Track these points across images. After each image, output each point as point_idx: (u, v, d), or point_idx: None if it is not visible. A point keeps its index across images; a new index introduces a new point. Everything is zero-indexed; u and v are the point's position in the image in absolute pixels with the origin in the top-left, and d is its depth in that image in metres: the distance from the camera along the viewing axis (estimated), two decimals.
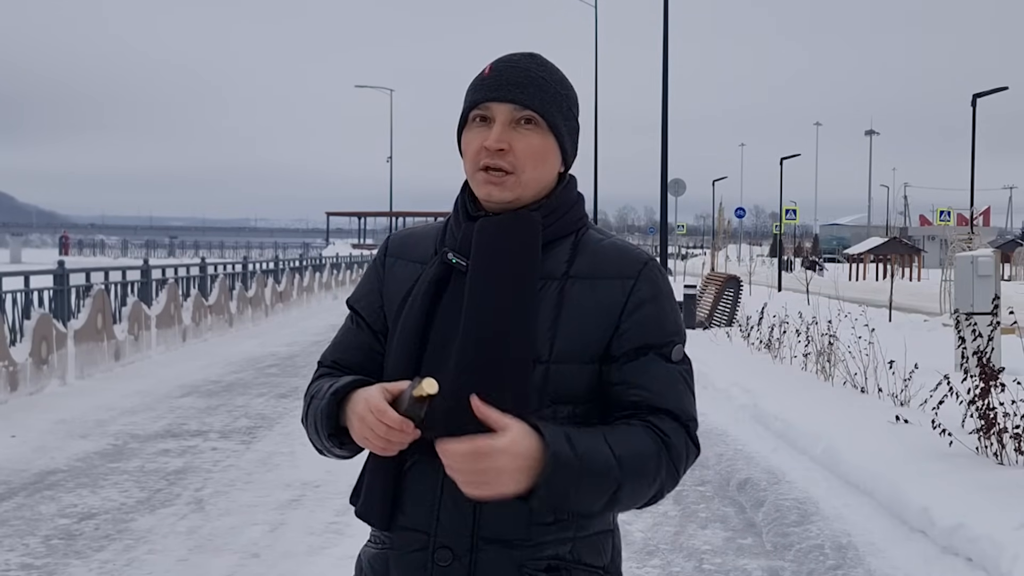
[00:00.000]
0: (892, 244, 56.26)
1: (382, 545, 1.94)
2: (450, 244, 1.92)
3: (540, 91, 1.89)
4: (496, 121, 1.87)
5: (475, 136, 1.89)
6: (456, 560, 1.84)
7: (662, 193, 26.10)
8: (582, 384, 1.84)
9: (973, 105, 24.73)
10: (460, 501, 1.81)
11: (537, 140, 1.88)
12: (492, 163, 1.86)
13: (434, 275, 1.90)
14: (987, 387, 7.30)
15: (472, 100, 1.90)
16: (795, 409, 9.71)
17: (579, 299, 1.85)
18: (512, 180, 1.86)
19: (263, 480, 7.79)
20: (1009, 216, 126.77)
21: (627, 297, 1.85)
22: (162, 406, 11.21)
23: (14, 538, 6.24)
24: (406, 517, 1.88)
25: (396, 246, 2.03)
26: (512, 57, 1.94)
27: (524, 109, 1.87)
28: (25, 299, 12.92)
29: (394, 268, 2.00)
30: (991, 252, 14.02)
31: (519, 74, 1.89)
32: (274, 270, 27.22)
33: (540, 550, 1.84)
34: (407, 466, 1.89)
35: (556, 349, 1.83)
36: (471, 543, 1.84)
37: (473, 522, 1.84)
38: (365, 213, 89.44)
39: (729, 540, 6.27)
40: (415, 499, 1.88)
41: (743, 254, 79.07)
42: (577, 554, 1.86)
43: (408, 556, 1.88)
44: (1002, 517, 5.74)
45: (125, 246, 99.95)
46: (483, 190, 1.88)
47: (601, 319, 1.84)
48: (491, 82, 1.89)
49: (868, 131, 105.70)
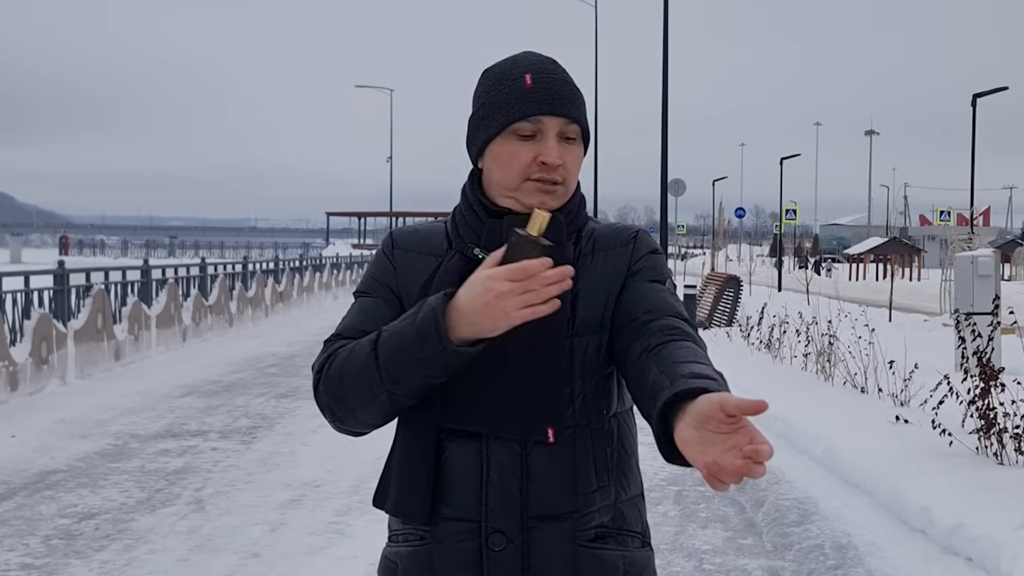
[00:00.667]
0: (892, 244, 56.24)
1: (421, 540, 1.91)
2: (470, 239, 1.94)
3: (581, 104, 1.96)
4: (549, 135, 1.90)
5: (522, 148, 1.90)
6: (510, 543, 1.86)
7: (662, 193, 26.10)
8: (603, 352, 1.92)
9: (973, 105, 24.74)
10: (508, 481, 1.86)
11: (579, 152, 1.96)
12: (549, 177, 1.91)
13: (456, 268, 1.91)
14: (987, 387, 7.30)
15: (519, 111, 1.90)
16: (795, 409, 9.71)
17: (588, 273, 1.94)
18: (562, 190, 1.93)
19: (263, 480, 7.79)
20: (1009, 216, 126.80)
21: (630, 256, 1.97)
22: (162, 406, 11.21)
23: (14, 538, 6.24)
24: (450, 508, 1.88)
25: (404, 239, 2.03)
26: (545, 65, 1.95)
27: (572, 123, 1.92)
28: (25, 299, 12.92)
29: (406, 259, 1.99)
30: (991, 252, 14.03)
31: (563, 86, 1.93)
32: (274, 270, 27.21)
33: (588, 520, 1.89)
34: (444, 456, 1.88)
35: (578, 322, 1.91)
36: (521, 523, 1.86)
37: (521, 501, 1.86)
38: (365, 213, 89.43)
39: (729, 540, 6.28)
40: (458, 487, 1.87)
41: (743, 254, 79.07)
42: (619, 521, 1.93)
43: (457, 546, 1.88)
44: (1002, 517, 5.74)
45: (125, 246, 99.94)
46: (535, 199, 1.91)
47: (611, 283, 1.94)
48: (539, 95, 1.90)
49: (868, 131, 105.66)
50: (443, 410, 1.87)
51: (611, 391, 1.95)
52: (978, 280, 12.57)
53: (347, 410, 1.89)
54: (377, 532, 6.33)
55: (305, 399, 11.60)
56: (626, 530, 1.94)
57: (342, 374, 1.87)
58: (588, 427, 1.90)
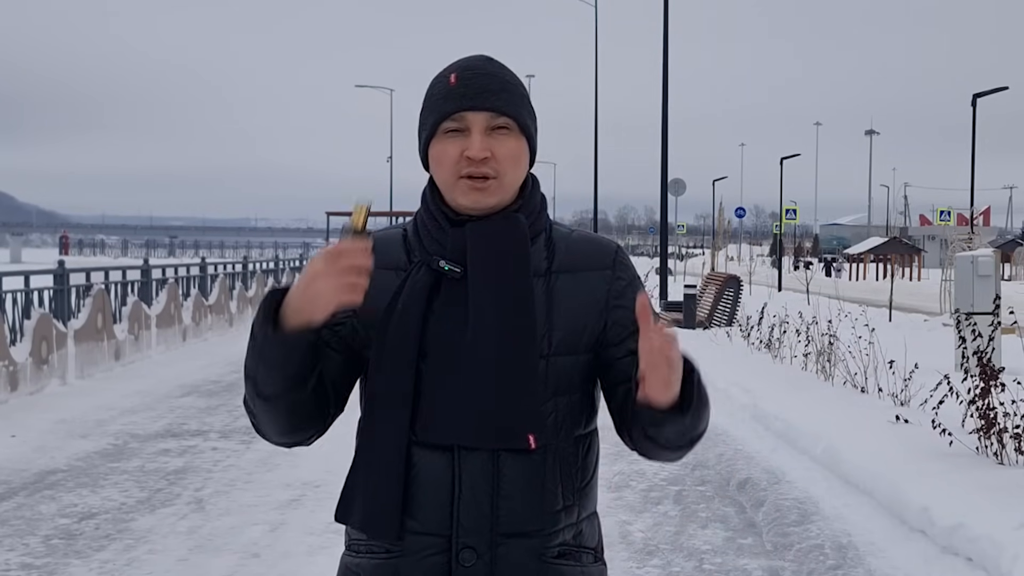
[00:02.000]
0: (892, 244, 56.25)
1: (387, 554, 1.90)
2: (434, 251, 1.92)
3: (510, 96, 1.93)
4: (474, 130, 1.90)
5: (451, 146, 1.91)
6: (479, 559, 1.87)
7: (662, 193, 26.11)
8: (576, 374, 1.94)
9: (973, 105, 24.74)
10: (480, 498, 1.86)
11: (513, 144, 1.92)
12: (476, 171, 1.89)
13: (424, 282, 1.90)
14: (987, 387, 7.30)
15: (443, 110, 1.91)
16: (795, 409, 9.71)
17: (566, 292, 1.94)
18: (495, 184, 1.91)
19: (263, 480, 7.79)
20: (1009, 216, 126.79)
21: (609, 285, 1.97)
22: (162, 406, 11.21)
23: (14, 538, 6.24)
24: (417, 522, 1.88)
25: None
26: (473, 63, 1.96)
27: (500, 116, 1.91)
28: (25, 299, 12.92)
29: (372, 279, 1.94)
30: (991, 252, 14.03)
31: (489, 80, 1.92)
32: (274, 270, 27.22)
33: (553, 538, 1.90)
34: (413, 470, 1.88)
35: (554, 342, 1.91)
36: (491, 539, 1.87)
37: (492, 518, 1.87)
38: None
39: (729, 540, 6.27)
40: (428, 502, 1.87)
41: (743, 254, 79.05)
42: (579, 538, 1.95)
43: (425, 561, 1.88)
44: (1002, 517, 5.74)
45: (125, 246, 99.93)
46: (469, 198, 1.90)
47: (590, 309, 1.95)
48: (462, 91, 1.90)
49: (868, 131, 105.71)
50: (415, 424, 1.87)
51: (583, 412, 1.96)
52: (978, 280, 12.57)
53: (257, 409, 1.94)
54: None
55: None
56: (584, 546, 1.96)
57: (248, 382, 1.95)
58: (557, 447, 1.91)
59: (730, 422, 10.06)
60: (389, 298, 1.91)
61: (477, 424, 1.84)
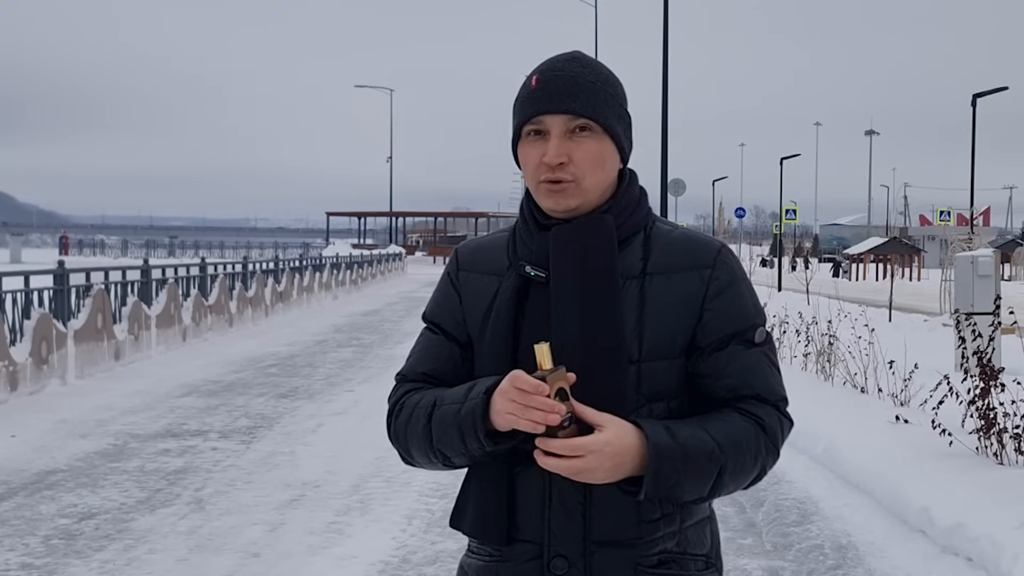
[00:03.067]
0: (892, 244, 56.23)
1: (490, 557, 1.93)
2: (524, 256, 1.92)
3: (591, 96, 1.89)
4: (552, 134, 1.87)
5: (532, 150, 1.90)
6: (572, 567, 1.86)
7: (662, 193, 26.10)
8: (672, 379, 1.88)
9: (973, 105, 24.73)
10: (570, 507, 1.85)
11: (594, 146, 1.88)
12: (553, 177, 1.87)
13: (513, 288, 1.90)
14: (987, 387, 7.30)
15: (524, 115, 1.90)
16: (795, 409, 9.62)
17: (660, 295, 1.88)
18: (574, 187, 1.88)
19: (263, 480, 7.79)
20: (1009, 216, 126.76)
21: (706, 286, 1.89)
22: (162, 406, 11.21)
23: (14, 538, 6.24)
24: (516, 529, 1.89)
25: (467, 259, 2.02)
26: (555, 64, 1.92)
27: (578, 118, 1.87)
28: (25, 299, 12.91)
29: (469, 281, 1.99)
30: (991, 252, 14.02)
31: (567, 82, 1.89)
32: (274, 270, 27.19)
33: (652, 546, 1.87)
34: (516, 478, 1.89)
35: (645, 347, 1.86)
36: (583, 548, 1.86)
37: (584, 527, 1.86)
38: (365, 213, 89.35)
39: (729, 540, 6.27)
40: (524, 509, 1.88)
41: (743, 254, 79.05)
42: (683, 545, 1.90)
43: (521, 567, 1.89)
44: (1002, 517, 5.73)
45: (125, 246, 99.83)
46: (548, 201, 1.89)
47: (684, 311, 1.88)
48: (541, 94, 1.89)
49: (868, 131, 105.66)
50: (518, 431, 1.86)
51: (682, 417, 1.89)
52: (978, 280, 12.57)
53: (414, 460, 1.97)
54: (377, 532, 6.35)
55: (304, 399, 11.60)
56: (689, 553, 1.91)
57: (406, 435, 1.94)
58: None
59: None
60: (487, 305, 1.93)
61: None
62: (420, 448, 1.91)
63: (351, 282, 36.05)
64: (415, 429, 1.90)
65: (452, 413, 1.83)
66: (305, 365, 15.05)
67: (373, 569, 5.65)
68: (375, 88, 78.08)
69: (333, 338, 19.24)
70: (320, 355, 16.38)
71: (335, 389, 12.34)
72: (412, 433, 1.91)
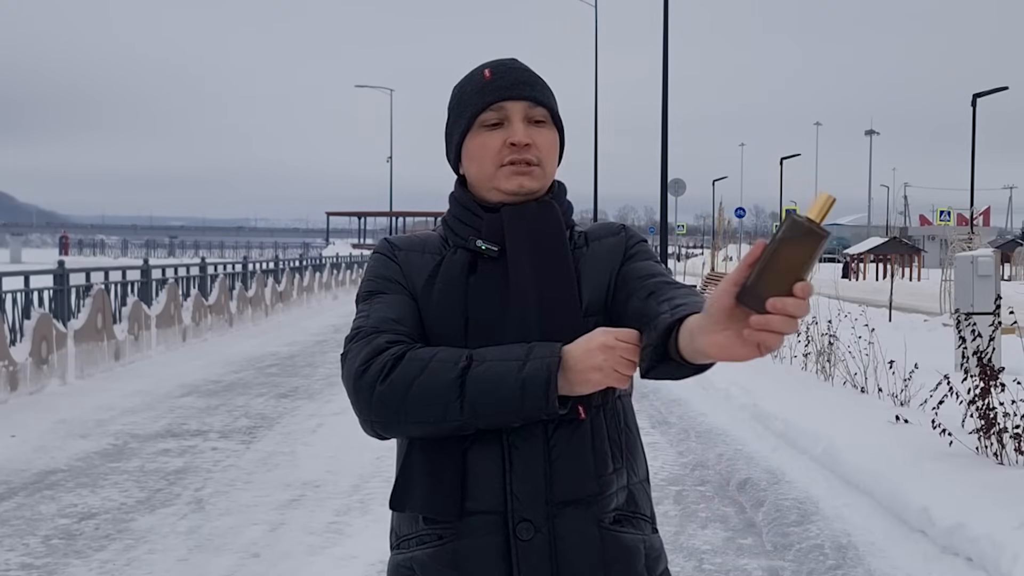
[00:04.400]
0: (892, 244, 56.23)
1: (440, 540, 1.87)
2: (469, 234, 1.96)
3: (544, 88, 2.01)
4: (514, 118, 1.95)
5: (491, 137, 1.96)
6: (537, 532, 1.85)
7: (662, 193, 26.11)
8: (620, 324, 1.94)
9: (973, 105, 24.74)
10: (532, 468, 1.85)
11: (551, 135, 2.00)
12: (519, 157, 1.94)
13: (460, 262, 1.94)
14: (987, 387, 7.30)
15: (481, 102, 1.96)
16: (795, 409, 9.71)
17: (589, 260, 1.98)
18: (539, 172, 1.97)
19: (263, 480, 7.79)
20: (1009, 216, 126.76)
21: (624, 243, 2.02)
22: (162, 406, 11.20)
23: (14, 538, 6.24)
24: (473, 501, 1.85)
25: (402, 242, 2.04)
26: (503, 61, 2.04)
27: (537, 106, 1.97)
28: (25, 299, 12.92)
29: (408, 259, 1.99)
30: (991, 252, 14.02)
31: (522, 74, 2.00)
32: (274, 270, 27.20)
33: (608, 502, 1.89)
34: (464, 448, 1.86)
35: (585, 303, 1.93)
36: (547, 510, 1.85)
37: (546, 488, 1.85)
38: (365, 213, 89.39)
39: (729, 540, 6.27)
40: (480, 479, 1.85)
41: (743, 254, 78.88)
42: (632, 505, 1.95)
43: (482, 540, 1.85)
44: (1002, 517, 5.73)
45: (125, 246, 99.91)
46: (513, 182, 1.95)
47: (611, 265, 1.99)
48: (500, 83, 1.97)
49: (868, 131, 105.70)
50: None
51: None
52: (978, 280, 12.57)
53: (399, 420, 1.82)
54: (377, 532, 6.34)
55: (305, 399, 11.60)
56: (639, 514, 1.96)
57: (410, 387, 1.79)
58: (602, 408, 1.92)
59: (730, 422, 10.06)
60: (426, 278, 1.95)
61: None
62: (432, 404, 1.78)
63: (351, 282, 36.05)
64: (433, 382, 1.78)
65: (510, 371, 1.76)
66: (305, 365, 15.05)
67: (373, 569, 5.65)
68: (375, 88, 78.11)
69: (333, 338, 19.24)
70: (320, 355, 16.38)
71: (335, 389, 12.33)
72: (423, 387, 1.78)
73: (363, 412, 1.84)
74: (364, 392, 1.82)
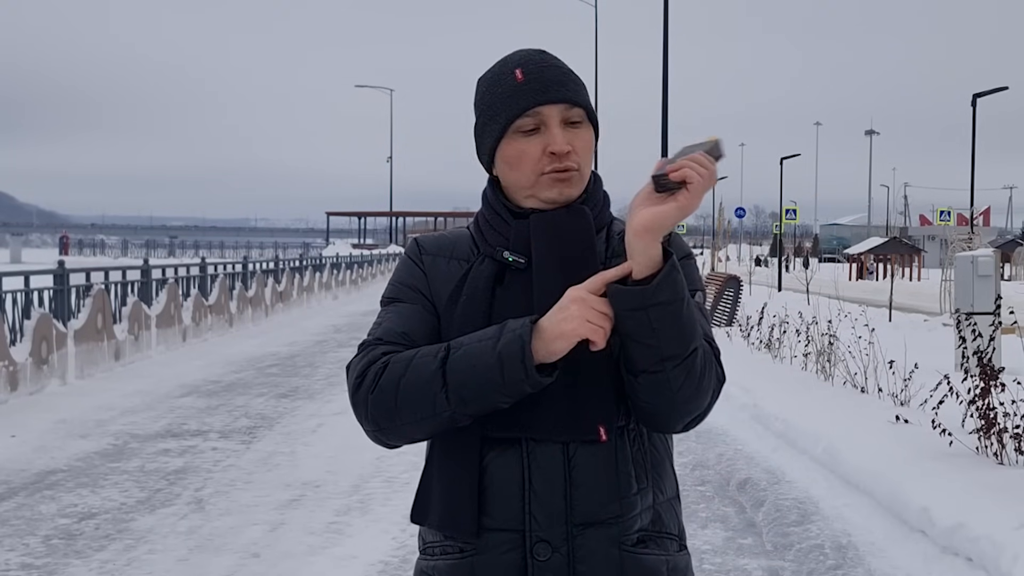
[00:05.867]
0: (892, 244, 56.23)
1: (461, 553, 1.86)
2: (498, 243, 1.91)
3: (577, 86, 1.91)
4: (551, 124, 1.87)
5: (529, 144, 1.88)
6: (555, 552, 1.82)
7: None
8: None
9: (973, 105, 24.72)
10: (552, 490, 1.82)
11: (588, 135, 1.91)
12: (561, 166, 1.87)
13: (489, 272, 1.90)
14: (987, 387, 7.30)
15: (517, 107, 1.87)
16: (795, 409, 9.71)
17: None
18: (578, 176, 1.89)
19: (263, 480, 7.79)
20: (1009, 216, 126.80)
21: None
22: (162, 406, 11.20)
23: (14, 538, 6.24)
24: (491, 518, 1.83)
25: (432, 245, 2.00)
26: (533, 56, 1.92)
27: (574, 107, 1.88)
28: (25, 299, 12.92)
29: (436, 264, 1.96)
30: (991, 252, 14.02)
31: (554, 72, 1.90)
32: (274, 270, 27.19)
33: (631, 524, 1.85)
34: (484, 465, 1.84)
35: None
36: (566, 531, 1.82)
37: (566, 508, 1.82)
38: (365, 213, 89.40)
39: (729, 540, 6.27)
40: (499, 496, 1.83)
41: (743, 254, 79.02)
42: (658, 524, 1.89)
43: (500, 558, 1.83)
44: (1002, 517, 5.73)
45: (125, 246, 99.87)
46: (552, 192, 1.88)
47: None
48: (531, 86, 1.87)
49: (868, 131, 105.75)
50: (485, 418, 1.82)
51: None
52: (978, 280, 12.57)
53: (396, 424, 1.83)
54: (377, 532, 6.35)
55: (305, 399, 11.60)
56: (665, 533, 1.90)
57: (398, 388, 1.80)
58: (626, 428, 1.87)
59: (730, 422, 10.06)
60: (453, 287, 1.91)
61: (545, 416, 1.81)
62: (420, 399, 1.78)
63: (351, 282, 36.05)
64: (416, 377, 1.78)
65: (485, 349, 1.76)
66: (305, 365, 15.04)
67: (373, 569, 5.65)
68: (375, 88, 78.17)
69: (333, 338, 19.24)
70: (320, 355, 16.38)
71: (335, 389, 12.33)
72: (409, 385, 1.78)
73: (365, 423, 1.86)
74: (361, 404, 1.85)
